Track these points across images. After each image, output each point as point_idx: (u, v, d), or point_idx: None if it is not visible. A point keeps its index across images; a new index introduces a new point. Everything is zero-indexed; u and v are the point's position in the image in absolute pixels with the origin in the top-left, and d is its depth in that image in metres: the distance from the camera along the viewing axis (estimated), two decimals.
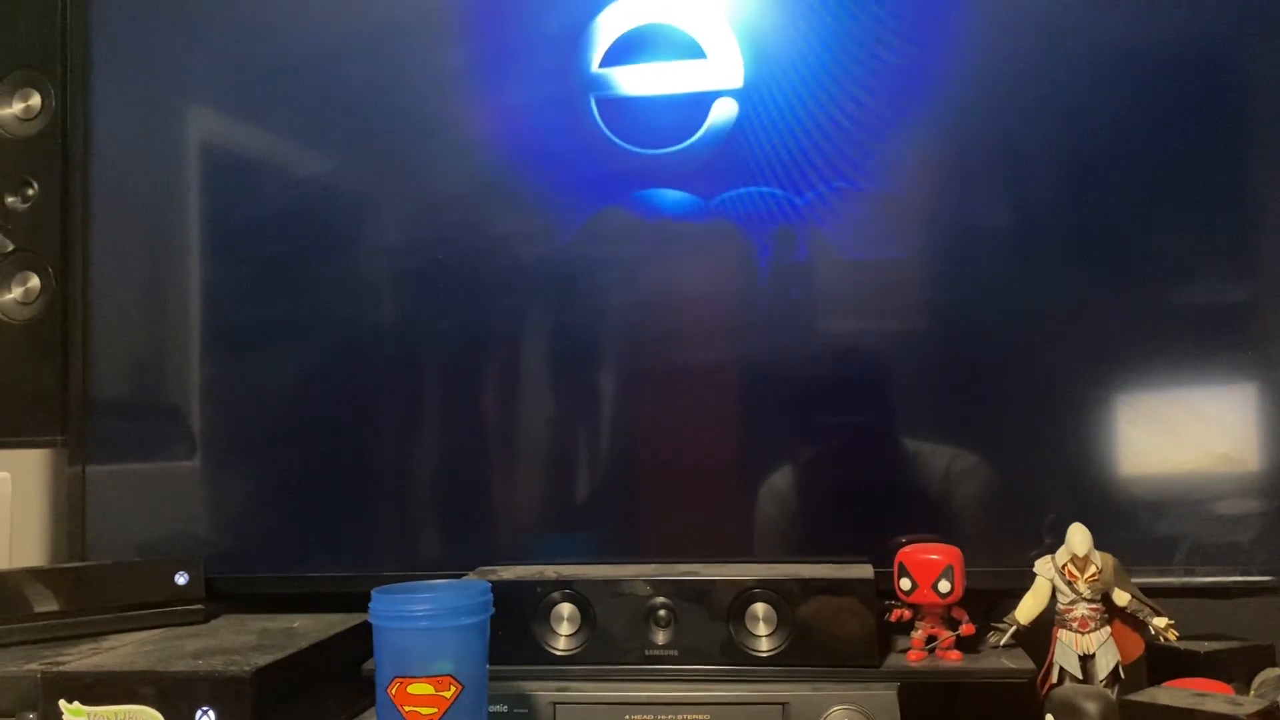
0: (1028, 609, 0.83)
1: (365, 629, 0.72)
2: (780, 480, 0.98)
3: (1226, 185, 0.94)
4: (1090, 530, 0.81)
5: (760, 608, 0.84)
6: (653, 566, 0.91)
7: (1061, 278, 0.96)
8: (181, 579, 0.99)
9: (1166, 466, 0.93)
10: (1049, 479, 0.95)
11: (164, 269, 1.10)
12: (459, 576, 0.92)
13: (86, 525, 1.07)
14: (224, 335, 1.09)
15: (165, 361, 1.10)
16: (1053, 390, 0.95)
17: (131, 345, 1.10)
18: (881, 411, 0.98)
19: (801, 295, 0.92)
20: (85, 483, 1.08)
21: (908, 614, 0.85)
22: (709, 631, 0.84)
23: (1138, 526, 0.92)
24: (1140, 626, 0.82)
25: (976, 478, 0.96)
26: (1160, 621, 0.81)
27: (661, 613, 0.85)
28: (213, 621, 1.00)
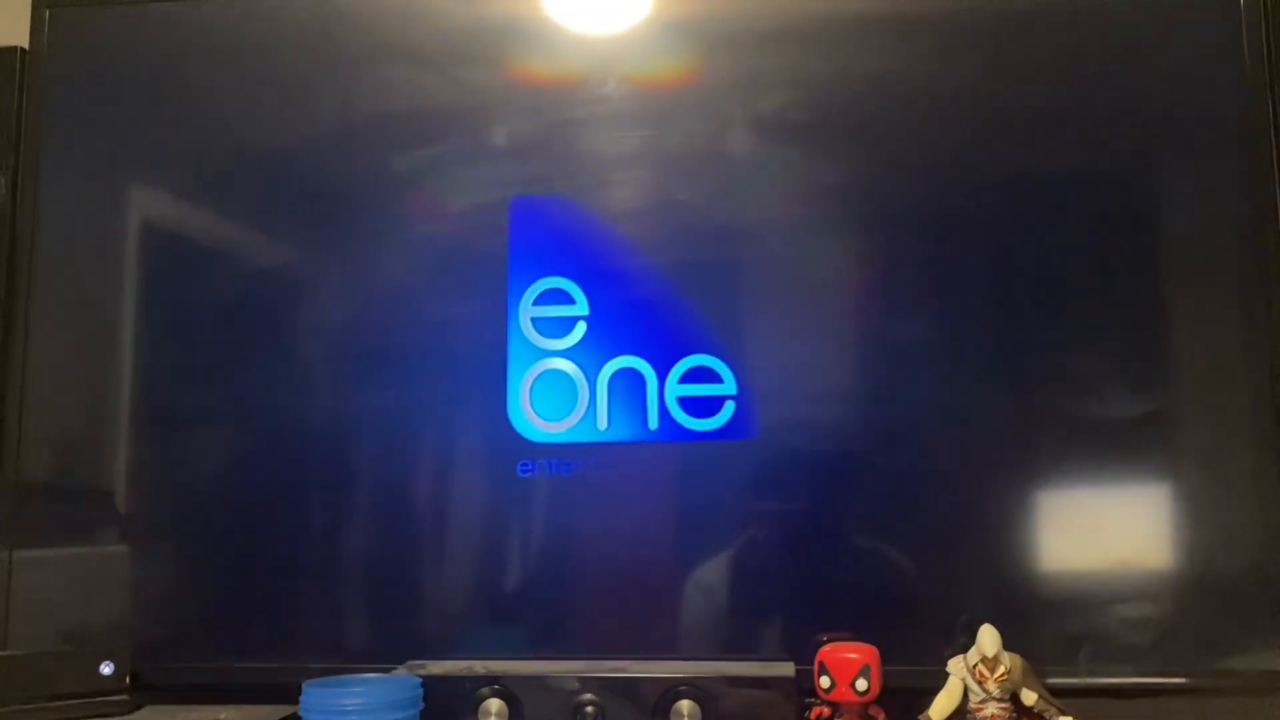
0: (941, 707, 0.86)
1: None
2: (704, 577, 1.01)
3: (1131, 308, 1.00)
4: (1001, 631, 0.85)
5: (685, 705, 0.86)
6: (581, 662, 0.93)
7: (975, 391, 1.01)
8: (106, 669, 0.98)
9: (1072, 570, 0.98)
10: (963, 580, 0.99)
11: (98, 354, 1.10)
12: (388, 669, 0.93)
13: (9, 612, 1.06)
14: (155, 422, 1.09)
15: (95, 447, 1.10)
16: (967, 497, 1.00)
17: (62, 430, 1.10)
18: (802, 513, 1.02)
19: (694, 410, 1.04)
20: (10, 569, 1.07)
21: (827, 711, 0.87)
22: None
23: (1045, 627, 0.97)
24: None
25: (893, 577, 0.99)
26: None
27: (589, 709, 0.86)
28: (137, 713, 0.98)
